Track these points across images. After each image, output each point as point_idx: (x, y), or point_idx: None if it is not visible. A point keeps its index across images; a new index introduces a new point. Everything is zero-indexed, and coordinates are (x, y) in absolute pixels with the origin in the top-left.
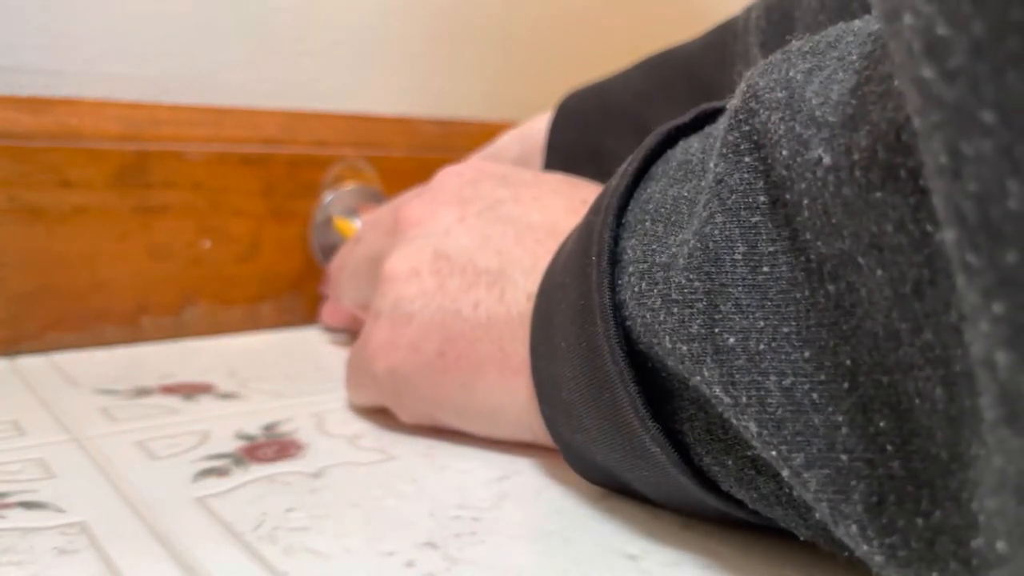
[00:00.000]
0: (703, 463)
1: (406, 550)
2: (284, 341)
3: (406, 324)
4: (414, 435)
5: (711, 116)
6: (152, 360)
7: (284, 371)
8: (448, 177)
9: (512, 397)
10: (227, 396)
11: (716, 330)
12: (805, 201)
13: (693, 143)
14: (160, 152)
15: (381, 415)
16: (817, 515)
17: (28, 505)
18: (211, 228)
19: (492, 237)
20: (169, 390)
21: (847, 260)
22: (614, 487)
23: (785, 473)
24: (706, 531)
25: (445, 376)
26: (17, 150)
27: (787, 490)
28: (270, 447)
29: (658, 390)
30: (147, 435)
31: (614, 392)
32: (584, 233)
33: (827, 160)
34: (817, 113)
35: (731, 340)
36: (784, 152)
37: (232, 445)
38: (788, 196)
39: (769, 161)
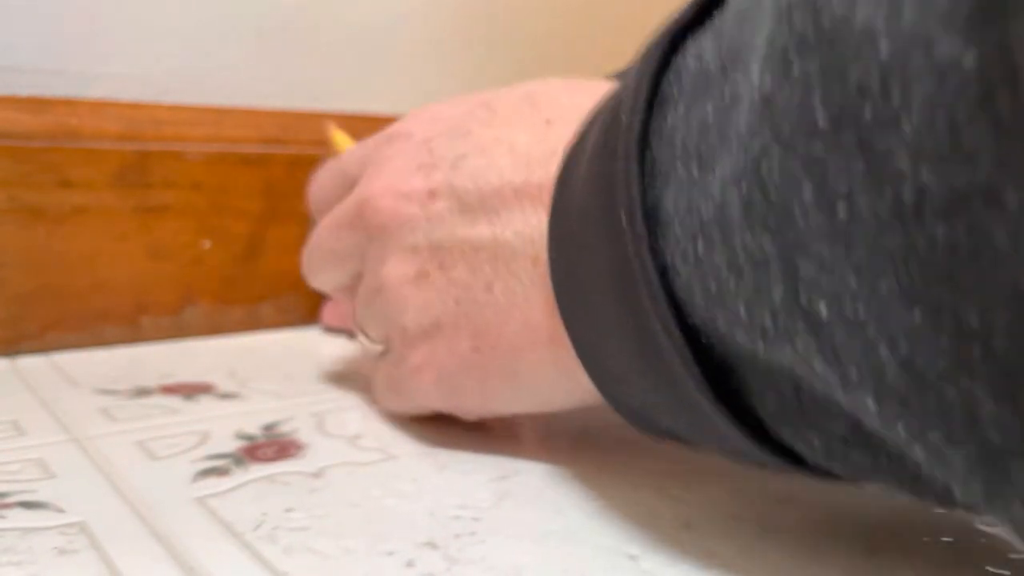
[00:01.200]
0: (782, 436)
1: (406, 550)
2: (284, 341)
3: (437, 332)
4: (414, 435)
5: (716, 2)
6: (152, 360)
7: (284, 371)
8: (399, 144)
9: (556, 369)
10: (227, 396)
11: (802, 296)
12: (914, 115)
13: (705, 46)
14: (160, 152)
15: (380, 416)
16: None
17: (28, 505)
18: (211, 228)
19: (471, 204)
20: (169, 390)
21: (974, 194)
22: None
23: (919, 453)
24: (706, 531)
25: (487, 369)
26: (17, 150)
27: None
28: (270, 447)
29: (717, 365)
30: (147, 435)
31: (673, 373)
32: (602, 183)
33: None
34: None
35: (821, 305)
36: (884, 47)
37: (232, 445)
38: (868, 109)
39: (841, 62)
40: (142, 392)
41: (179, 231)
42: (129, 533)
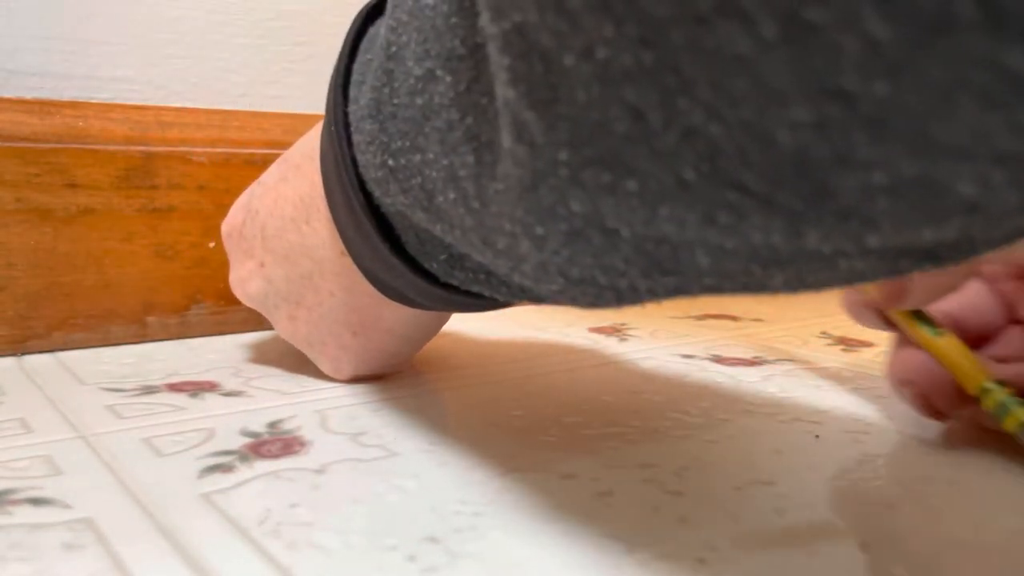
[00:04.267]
0: (423, 264)
1: (408, 544)
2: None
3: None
4: (416, 432)
5: None
6: (158, 359)
7: (288, 370)
8: (227, 243)
9: (345, 267)
10: (232, 394)
11: (387, 151)
12: (415, 34)
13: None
14: (166, 154)
15: (383, 413)
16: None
17: (35, 501)
18: (216, 229)
19: (285, 252)
20: (175, 388)
21: (430, 74)
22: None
23: (498, 267)
24: (702, 525)
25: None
26: (25, 152)
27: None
28: (274, 444)
29: (387, 223)
30: (153, 432)
31: (364, 227)
32: (327, 121)
33: (430, 0)
34: None
35: (396, 148)
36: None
37: (237, 442)
38: (404, 37)
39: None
40: (148, 390)
41: (185, 232)
42: (135, 529)
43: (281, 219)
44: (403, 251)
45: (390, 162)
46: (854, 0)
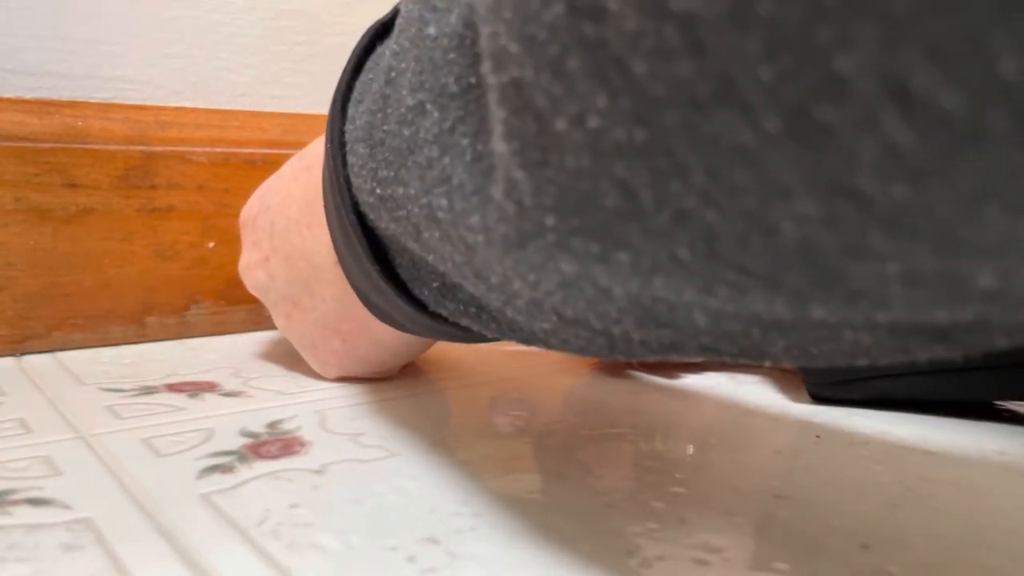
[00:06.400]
0: (414, 292)
1: (408, 545)
2: (287, 340)
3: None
4: (415, 432)
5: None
6: (157, 359)
7: (287, 370)
8: (242, 231)
9: (341, 284)
10: (231, 394)
11: (375, 178)
12: (413, 64)
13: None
14: (165, 154)
15: (383, 413)
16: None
17: (34, 502)
18: (216, 229)
19: (288, 253)
20: (174, 388)
21: (420, 106)
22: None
23: (491, 302)
24: (703, 526)
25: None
26: (24, 151)
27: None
28: (274, 444)
29: (380, 245)
30: (152, 432)
31: (355, 247)
32: (327, 135)
33: (432, 31)
34: (436, 4)
35: (383, 177)
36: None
37: (236, 442)
38: (404, 64)
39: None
40: (148, 390)
41: (184, 232)
42: (134, 529)
43: (287, 219)
44: (395, 275)
45: (378, 190)
46: (873, 103)
